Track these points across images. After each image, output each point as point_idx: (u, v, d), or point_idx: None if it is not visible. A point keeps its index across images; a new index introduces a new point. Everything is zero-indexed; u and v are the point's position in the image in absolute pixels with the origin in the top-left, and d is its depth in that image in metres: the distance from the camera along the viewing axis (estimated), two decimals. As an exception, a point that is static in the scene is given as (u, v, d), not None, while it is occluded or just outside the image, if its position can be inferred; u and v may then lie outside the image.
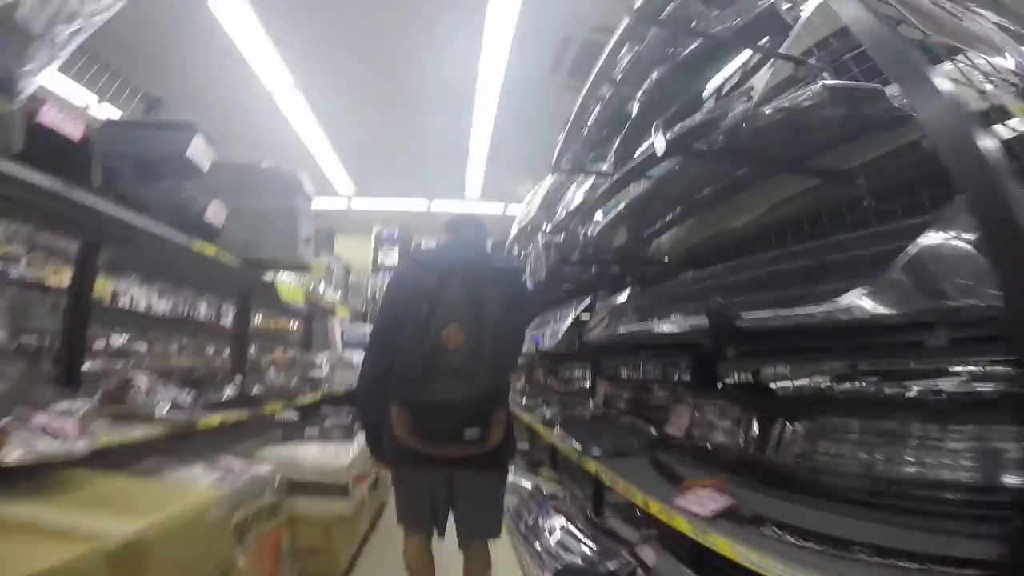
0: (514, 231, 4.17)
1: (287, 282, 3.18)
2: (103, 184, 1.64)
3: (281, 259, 2.62)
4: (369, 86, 5.60)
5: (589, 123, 2.42)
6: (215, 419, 2.13)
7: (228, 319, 3.94)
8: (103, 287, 2.94)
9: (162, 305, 3.60)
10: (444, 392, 1.58)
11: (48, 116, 1.42)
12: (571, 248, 2.82)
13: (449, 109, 5.95)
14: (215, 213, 2.28)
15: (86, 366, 2.10)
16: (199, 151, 2.09)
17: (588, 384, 3.93)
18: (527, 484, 3.63)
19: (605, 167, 2.39)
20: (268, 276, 2.82)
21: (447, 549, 1.91)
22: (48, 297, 2.58)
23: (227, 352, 3.60)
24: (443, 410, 1.61)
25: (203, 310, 4.02)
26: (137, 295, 3.33)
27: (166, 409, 1.90)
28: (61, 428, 1.32)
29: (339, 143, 6.86)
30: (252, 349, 3.86)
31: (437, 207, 8.55)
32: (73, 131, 1.49)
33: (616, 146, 2.19)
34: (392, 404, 1.69)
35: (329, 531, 2.58)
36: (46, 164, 1.39)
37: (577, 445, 2.16)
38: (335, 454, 2.77)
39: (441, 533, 1.87)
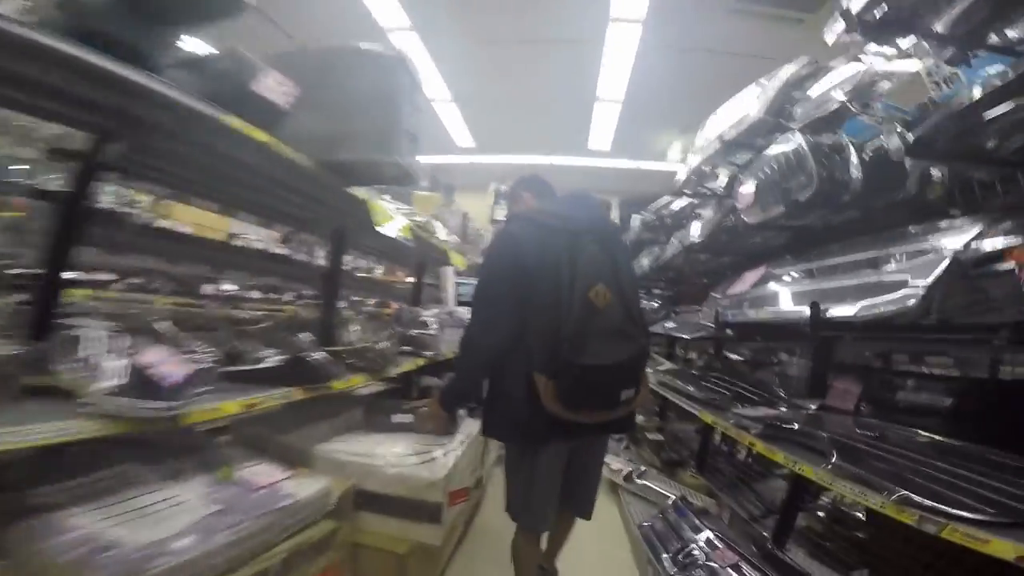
0: (684, 172, 3.00)
1: (389, 208, 2.28)
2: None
3: (373, 161, 1.74)
4: (488, 28, 4.77)
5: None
6: (230, 406, 1.26)
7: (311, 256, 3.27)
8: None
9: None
10: (607, 353, 1.46)
11: None
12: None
13: (576, 53, 4.93)
14: (273, 86, 1.45)
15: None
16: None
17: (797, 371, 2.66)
18: (665, 491, 2.94)
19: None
20: (361, 193, 1.98)
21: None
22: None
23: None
24: (606, 373, 1.48)
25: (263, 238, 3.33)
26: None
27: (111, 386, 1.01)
28: None
29: (458, 92, 6.03)
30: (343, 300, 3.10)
31: (559, 162, 7.48)
32: None
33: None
34: (533, 372, 1.48)
35: (405, 566, 1.78)
36: None
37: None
38: (429, 457, 1.95)
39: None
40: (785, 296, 1.84)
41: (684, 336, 2.96)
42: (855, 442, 1.45)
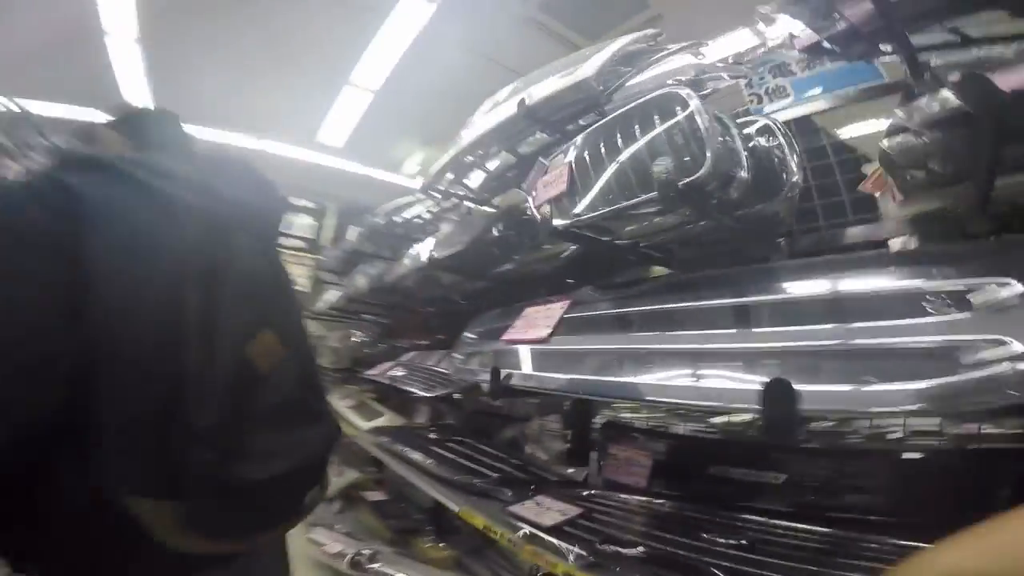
0: (435, 169, 2.19)
1: None
2: None
3: None
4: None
5: None
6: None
7: None
8: None
9: None
10: (283, 452, 0.79)
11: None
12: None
13: (348, 15, 3.82)
14: None
15: None
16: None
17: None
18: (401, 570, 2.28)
19: None
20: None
21: None
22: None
23: None
24: (284, 483, 0.80)
25: None
26: None
27: None
28: None
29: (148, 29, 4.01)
30: None
31: (271, 149, 5.89)
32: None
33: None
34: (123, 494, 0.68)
35: None
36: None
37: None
38: None
39: None
40: (630, 364, 1.14)
41: (423, 394, 2.12)
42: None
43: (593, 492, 1.69)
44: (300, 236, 6.06)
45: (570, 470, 1.96)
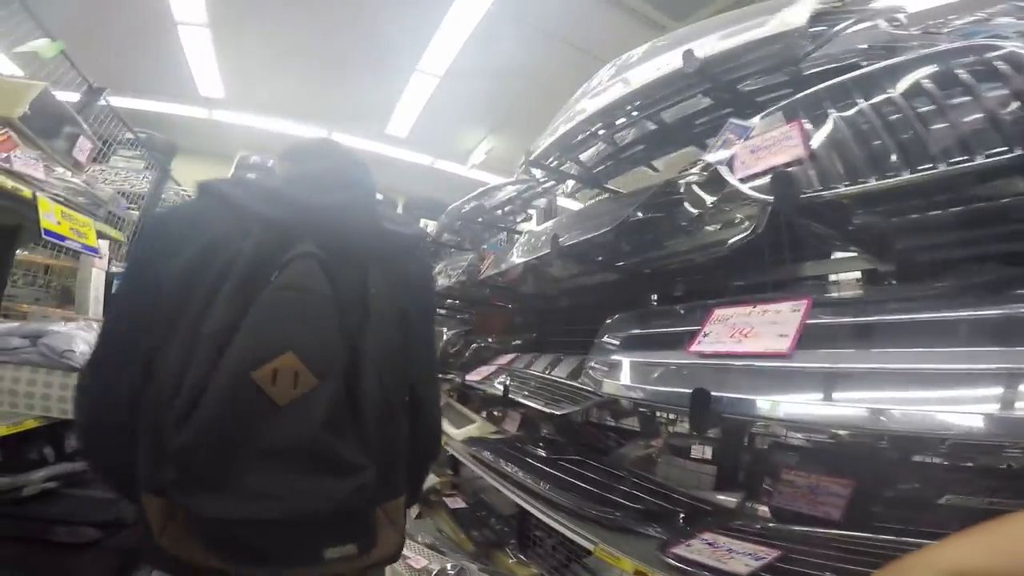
0: (543, 143, 1.90)
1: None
2: None
3: None
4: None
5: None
6: None
7: None
8: None
9: None
10: (272, 495, 0.73)
11: None
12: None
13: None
14: None
15: None
16: None
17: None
18: None
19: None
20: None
21: None
22: None
23: None
24: (265, 531, 0.75)
25: None
26: None
27: None
28: None
29: (217, 14, 3.94)
30: None
31: (342, 141, 5.80)
32: None
33: None
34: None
35: None
36: None
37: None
38: None
39: None
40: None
41: (552, 411, 1.83)
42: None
43: (770, 526, 1.38)
44: None
45: (718, 496, 1.65)
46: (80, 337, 1.54)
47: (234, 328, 0.72)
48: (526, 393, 1.97)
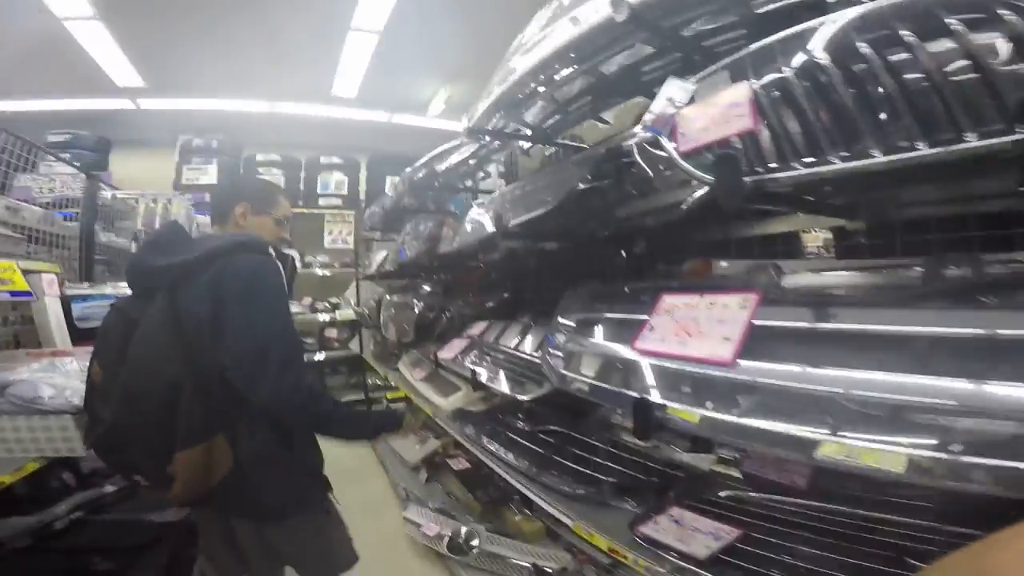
0: (483, 105, 1.70)
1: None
2: None
3: None
4: None
5: None
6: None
7: None
8: None
9: None
10: None
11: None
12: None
13: None
14: None
15: None
16: None
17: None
18: (508, 555, 2.17)
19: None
20: None
21: None
22: None
23: None
24: None
25: None
26: None
27: None
28: None
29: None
30: None
31: (288, 110, 5.36)
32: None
33: None
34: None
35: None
36: None
37: None
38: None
39: None
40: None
41: (516, 396, 1.73)
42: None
43: (737, 496, 1.36)
44: (336, 193, 5.69)
45: (686, 456, 1.62)
46: (44, 382, 1.49)
47: None
48: (495, 376, 1.88)
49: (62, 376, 1.54)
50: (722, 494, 1.38)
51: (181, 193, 4.06)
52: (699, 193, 1.08)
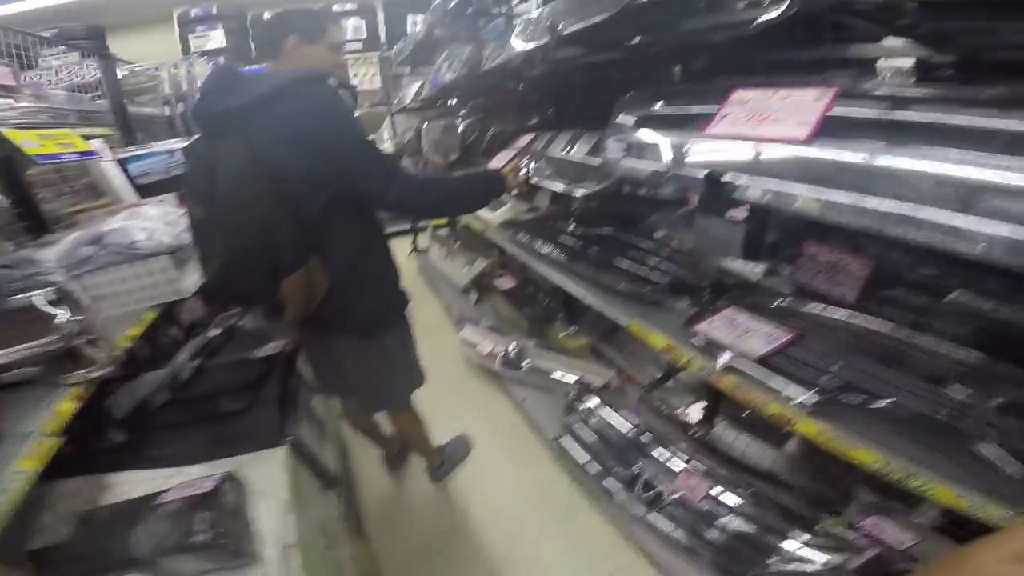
0: None
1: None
2: None
3: None
4: None
5: None
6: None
7: None
8: None
9: None
10: None
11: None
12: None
13: None
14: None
15: None
16: None
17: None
18: (554, 369, 2.34)
19: None
20: None
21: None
22: None
23: None
24: None
25: None
26: None
27: None
28: None
29: None
30: None
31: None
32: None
33: None
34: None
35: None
36: None
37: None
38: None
39: None
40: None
41: (573, 193, 1.72)
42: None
43: (791, 303, 1.36)
44: (355, 39, 5.54)
45: (737, 264, 1.62)
46: (134, 227, 1.49)
47: None
48: (549, 175, 1.86)
49: (147, 221, 1.54)
50: (778, 303, 1.37)
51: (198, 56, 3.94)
52: (772, 14, 0.91)
